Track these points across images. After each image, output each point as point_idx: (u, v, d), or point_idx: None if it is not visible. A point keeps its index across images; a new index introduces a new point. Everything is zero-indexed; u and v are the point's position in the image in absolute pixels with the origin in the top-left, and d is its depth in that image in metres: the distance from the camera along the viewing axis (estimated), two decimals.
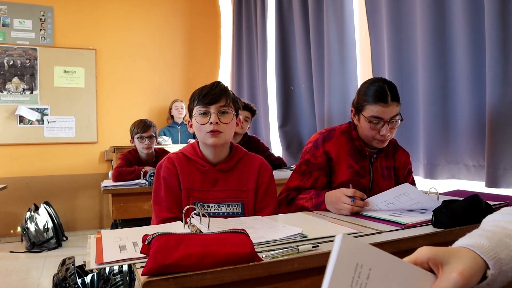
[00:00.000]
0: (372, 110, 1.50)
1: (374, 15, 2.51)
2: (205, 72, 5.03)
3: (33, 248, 3.85)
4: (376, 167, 1.63)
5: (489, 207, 1.19)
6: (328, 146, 1.60)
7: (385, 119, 1.50)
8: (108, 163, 4.65)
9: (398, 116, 1.53)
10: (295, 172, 1.64)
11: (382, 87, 1.50)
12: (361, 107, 1.56)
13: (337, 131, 1.65)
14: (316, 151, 1.60)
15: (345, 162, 1.59)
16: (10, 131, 4.32)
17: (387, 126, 1.50)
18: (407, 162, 1.73)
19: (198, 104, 1.41)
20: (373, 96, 1.51)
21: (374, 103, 1.50)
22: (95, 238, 1.06)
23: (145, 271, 0.78)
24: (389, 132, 1.52)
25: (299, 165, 1.64)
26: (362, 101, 1.55)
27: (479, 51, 1.83)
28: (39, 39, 4.43)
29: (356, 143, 1.61)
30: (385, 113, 1.49)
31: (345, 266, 0.46)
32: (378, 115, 1.50)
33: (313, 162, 1.59)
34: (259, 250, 0.92)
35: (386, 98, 1.48)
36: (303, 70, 3.37)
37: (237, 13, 4.66)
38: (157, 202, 1.42)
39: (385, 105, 1.48)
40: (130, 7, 4.79)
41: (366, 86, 1.57)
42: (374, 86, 1.52)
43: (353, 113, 1.62)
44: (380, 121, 1.50)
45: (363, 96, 1.55)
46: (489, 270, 0.54)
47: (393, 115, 1.50)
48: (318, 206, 1.46)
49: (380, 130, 1.51)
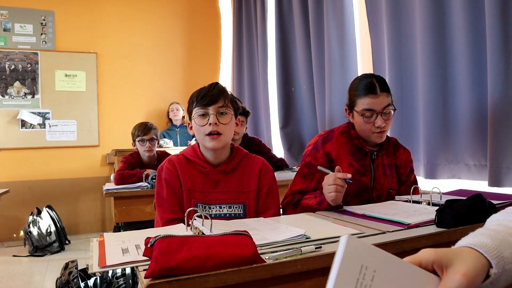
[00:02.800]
0: (363, 103, 1.53)
1: (374, 15, 2.51)
2: (205, 74, 5.04)
3: (36, 252, 3.85)
4: (377, 165, 1.63)
5: (493, 206, 1.19)
6: (328, 147, 1.61)
7: (377, 110, 1.52)
8: (110, 166, 4.66)
9: (391, 106, 1.55)
10: (297, 176, 1.65)
11: (370, 80, 1.55)
12: (352, 103, 1.59)
13: (336, 132, 1.66)
14: (317, 153, 1.61)
15: (346, 162, 1.60)
16: (12, 136, 4.33)
17: (381, 117, 1.52)
18: (408, 160, 1.73)
19: (197, 105, 1.42)
20: (362, 89, 1.54)
21: (364, 96, 1.53)
22: (98, 241, 1.06)
23: (148, 274, 0.78)
24: (384, 123, 1.53)
25: (301, 168, 1.65)
26: (352, 96, 1.59)
27: (479, 49, 1.83)
28: (40, 43, 4.45)
29: (356, 142, 1.62)
30: (376, 104, 1.52)
31: (350, 267, 0.46)
32: (370, 107, 1.52)
33: (314, 164, 1.59)
34: (262, 251, 0.92)
35: (375, 89, 1.52)
36: (304, 71, 3.36)
37: (237, 15, 4.67)
38: (160, 204, 1.43)
39: (375, 96, 1.51)
40: (130, 11, 4.80)
41: (355, 83, 1.61)
42: (363, 81, 1.56)
43: (347, 112, 1.64)
44: (372, 113, 1.53)
45: (354, 91, 1.59)
46: (492, 269, 0.53)
47: (384, 105, 1.52)
48: (321, 203, 1.46)
49: (375, 122, 1.53)
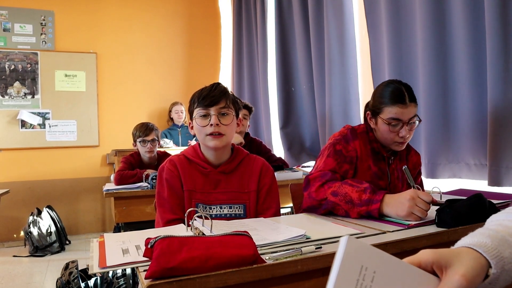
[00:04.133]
0: (391, 111, 1.47)
1: (372, 15, 2.51)
2: (205, 74, 5.04)
3: (36, 252, 3.85)
4: (392, 170, 1.61)
5: (493, 206, 1.19)
6: (356, 144, 1.55)
7: (404, 120, 1.46)
8: (110, 166, 4.66)
9: (416, 117, 1.49)
10: (327, 157, 1.51)
11: (399, 88, 1.47)
12: (378, 109, 1.51)
13: (358, 131, 1.60)
14: (347, 145, 1.54)
15: (366, 163, 1.56)
16: (12, 136, 4.33)
17: (406, 128, 1.47)
18: (418, 163, 1.71)
19: (198, 106, 1.41)
20: (390, 97, 1.47)
21: (392, 105, 1.46)
22: (98, 242, 1.06)
23: (148, 275, 0.78)
24: (408, 134, 1.48)
25: (330, 151, 1.52)
26: (378, 103, 1.51)
27: (479, 49, 1.83)
28: (40, 43, 4.44)
29: (374, 145, 1.57)
30: (404, 114, 1.46)
31: (350, 268, 0.46)
32: (397, 117, 1.46)
33: (344, 155, 1.52)
34: (262, 252, 0.92)
35: (404, 99, 1.45)
36: (304, 71, 3.36)
37: (237, 15, 4.66)
38: (161, 204, 1.43)
39: (404, 106, 1.45)
40: (130, 11, 4.80)
41: (381, 88, 1.52)
42: (390, 87, 1.49)
43: (369, 117, 1.58)
44: (398, 122, 1.47)
45: (380, 98, 1.51)
46: (491, 269, 0.54)
47: (411, 116, 1.47)
48: (368, 202, 1.28)
49: (399, 132, 1.47)
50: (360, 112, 2.83)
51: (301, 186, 1.56)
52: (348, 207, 1.32)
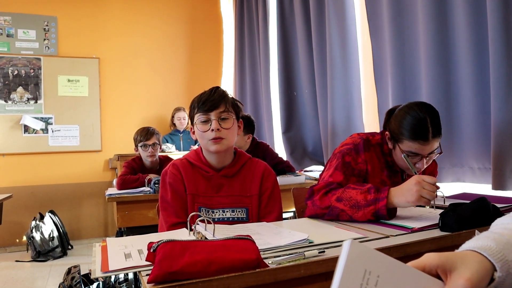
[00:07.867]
0: (410, 146, 1.37)
1: (375, 19, 2.51)
2: (208, 78, 5.05)
3: (38, 257, 3.85)
4: None
5: (497, 210, 1.18)
6: (368, 155, 1.48)
7: (423, 155, 1.38)
8: (113, 171, 4.66)
9: (437, 150, 1.39)
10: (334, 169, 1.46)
11: (423, 120, 1.34)
12: (397, 138, 1.41)
13: (373, 142, 1.52)
14: (358, 157, 1.48)
15: (379, 177, 1.49)
16: (15, 141, 4.34)
17: (424, 161, 1.38)
18: (433, 174, 1.67)
19: (198, 111, 1.42)
20: (411, 131, 1.35)
21: (413, 140, 1.35)
22: (100, 246, 1.06)
23: (150, 279, 0.78)
24: (426, 165, 1.41)
25: (340, 164, 1.46)
26: (398, 133, 1.40)
27: (482, 53, 1.82)
28: (43, 48, 4.47)
29: (388, 159, 1.51)
30: (424, 150, 1.36)
31: (353, 272, 0.45)
32: (416, 151, 1.37)
33: (353, 167, 1.46)
34: (265, 256, 0.92)
35: (427, 135, 1.33)
36: (306, 75, 3.37)
37: (239, 20, 4.68)
38: (164, 207, 1.43)
39: (425, 143, 1.34)
40: (132, 16, 4.83)
41: (402, 116, 1.39)
42: (414, 119, 1.35)
43: (388, 137, 1.48)
44: (417, 155, 1.38)
45: (400, 128, 1.39)
46: (496, 273, 0.53)
47: (432, 150, 1.38)
48: (375, 201, 1.27)
49: (417, 163, 1.39)
50: (363, 117, 2.82)
51: (304, 190, 1.55)
52: (353, 211, 1.30)
